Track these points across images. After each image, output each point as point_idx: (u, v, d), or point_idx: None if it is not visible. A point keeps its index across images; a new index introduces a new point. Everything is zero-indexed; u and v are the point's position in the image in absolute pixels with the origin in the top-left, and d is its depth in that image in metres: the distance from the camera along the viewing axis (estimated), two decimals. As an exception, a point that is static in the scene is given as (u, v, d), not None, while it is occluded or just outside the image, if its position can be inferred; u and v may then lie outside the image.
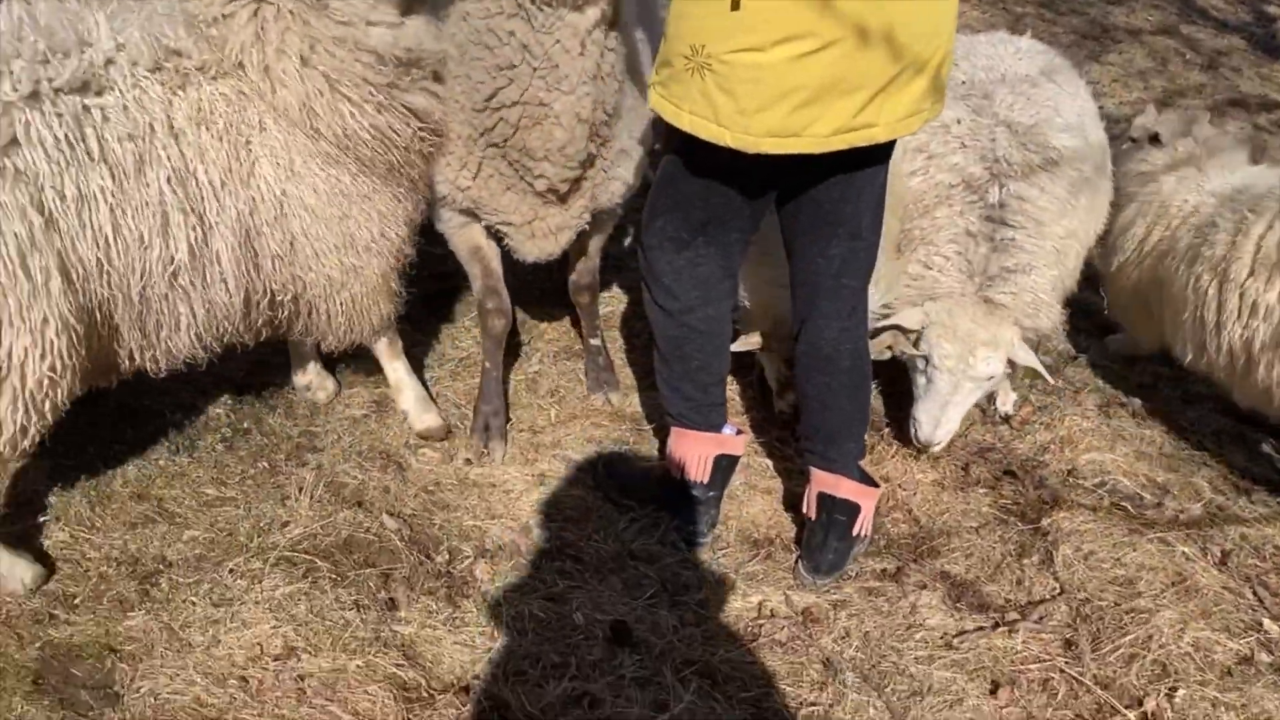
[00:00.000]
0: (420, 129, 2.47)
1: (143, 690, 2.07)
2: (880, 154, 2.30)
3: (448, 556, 2.59)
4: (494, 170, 2.61)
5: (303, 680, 2.14)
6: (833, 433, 2.58)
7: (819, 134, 2.08)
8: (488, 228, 2.86)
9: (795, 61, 2.00)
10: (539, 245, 2.83)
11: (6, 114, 1.92)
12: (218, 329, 2.37)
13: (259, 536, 2.52)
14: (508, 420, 3.11)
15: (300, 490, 2.69)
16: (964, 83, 3.20)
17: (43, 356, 1.98)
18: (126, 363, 2.27)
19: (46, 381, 2.01)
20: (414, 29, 2.36)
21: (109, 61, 2.09)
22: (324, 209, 2.38)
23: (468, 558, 2.59)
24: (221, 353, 2.46)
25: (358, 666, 2.19)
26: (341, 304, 2.56)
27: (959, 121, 3.07)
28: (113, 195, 2.04)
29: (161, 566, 2.39)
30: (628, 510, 2.81)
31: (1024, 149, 3.01)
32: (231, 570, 2.39)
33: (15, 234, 1.90)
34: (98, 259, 2.05)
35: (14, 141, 1.93)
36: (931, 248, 2.97)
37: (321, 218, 2.38)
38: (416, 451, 2.96)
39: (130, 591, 2.30)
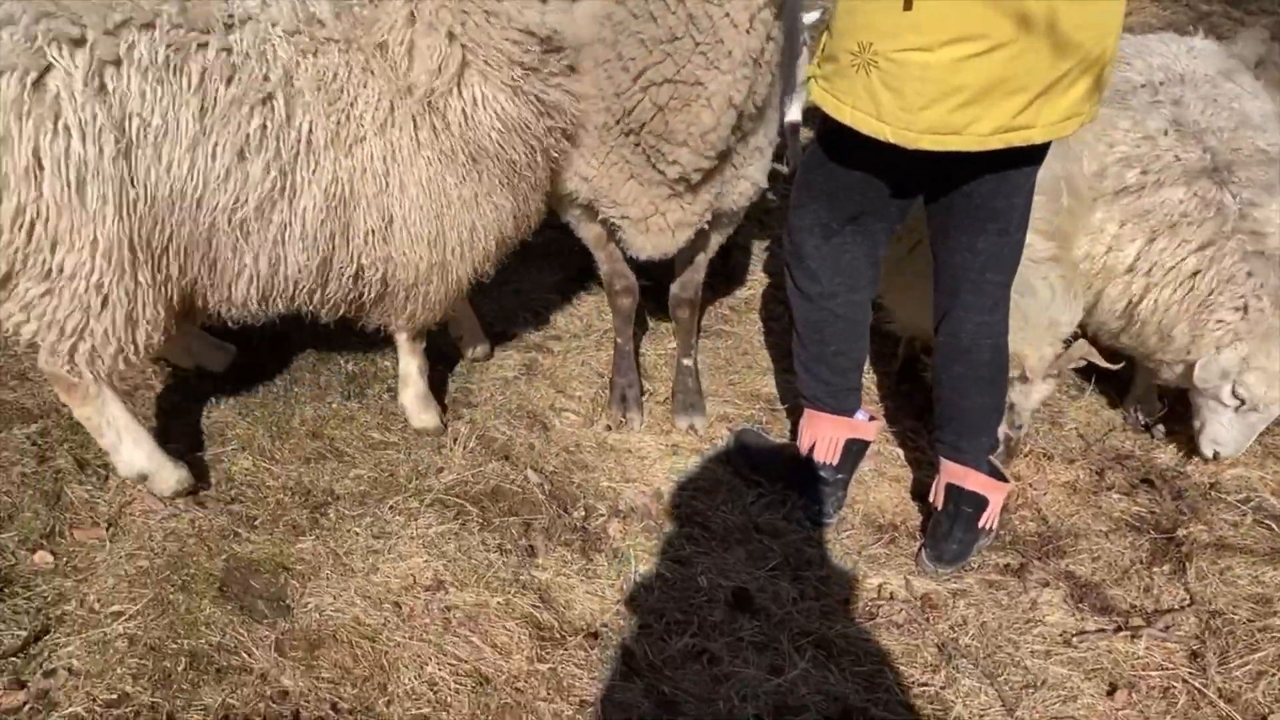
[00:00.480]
0: (550, 127, 2.49)
1: (309, 606, 2.31)
2: (1037, 153, 2.32)
3: (584, 513, 2.76)
4: (621, 158, 2.61)
5: (449, 611, 2.34)
6: (966, 425, 2.62)
7: (979, 133, 2.13)
8: (603, 222, 2.86)
9: (963, 62, 2.06)
10: (654, 241, 2.79)
11: (114, 34, 2.01)
12: (285, 288, 2.38)
13: (416, 479, 2.74)
14: (643, 392, 3.26)
15: (455, 441, 2.90)
16: (1144, 85, 3.13)
17: (91, 274, 2.06)
18: (200, 303, 2.33)
19: (98, 299, 2.10)
20: (557, 8, 2.38)
21: (249, 17, 2.21)
22: (425, 200, 2.41)
23: (602, 515, 2.75)
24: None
25: (498, 604, 2.37)
26: (420, 296, 2.60)
27: (1165, 133, 3.00)
28: (196, 133, 2.10)
29: (330, 499, 2.64)
30: (756, 485, 2.92)
31: (1240, 156, 2.92)
32: (391, 507, 2.62)
33: (81, 155, 1.98)
34: (169, 191, 2.11)
35: (115, 61, 2.01)
36: (1212, 283, 2.84)
37: (420, 208, 2.41)
38: (560, 414, 3.14)
39: (302, 519, 2.55)
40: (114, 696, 2.02)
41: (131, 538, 2.39)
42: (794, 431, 3.16)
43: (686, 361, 3.20)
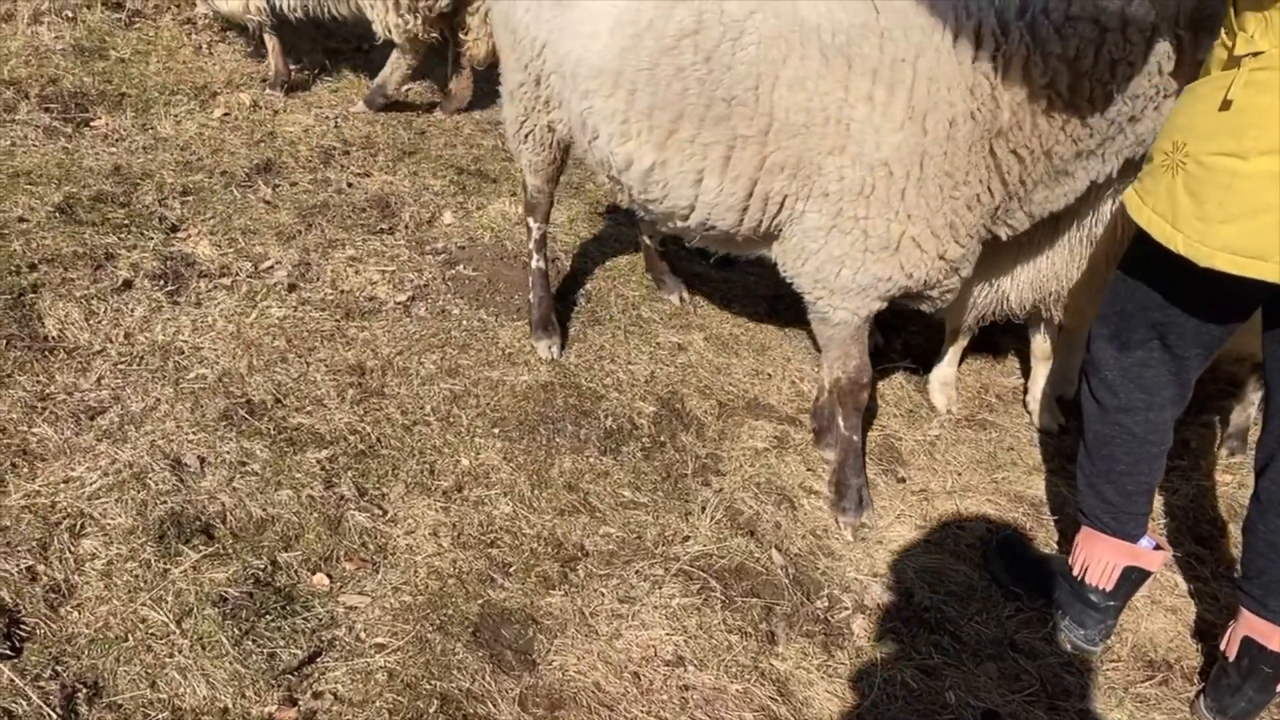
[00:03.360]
0: None
1: (554, 664, 2.36)
2: None
3: (827, 603, 2.68)
4: (983, 228, 2.63)
5: (686, 691, 2.32)
6: (1278, 582, 2.34)
7: None
8: (927, 295, 2.82)
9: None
10: (958, 288, 2.83)
11: None
12: None
13: (663, 545, 2.75)
14: (900, 480, 3.14)
15: (702, 509, 2.90)
16: None
17: None
18: None
19: None
20: None
21: None
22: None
23: (846, 609, 2.66)
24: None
25: (737, 690, 2.34)
26: None
27: None
28: None
29: (580, 554, 2.69)
30: (1014, 598, 2.74)
31: None
32: (637, 572, 2.64)
33: None
34: None
35: None
36: None
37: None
38: (810, 494, 3.07)
39: (553, 571, 2.62)
40: (371, 726, 2.14)
41: (398, 571, 2.53)
42: (1062, 542, 2.95)
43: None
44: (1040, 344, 3.52)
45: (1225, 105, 1.92)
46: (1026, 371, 3.79)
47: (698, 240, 2.97)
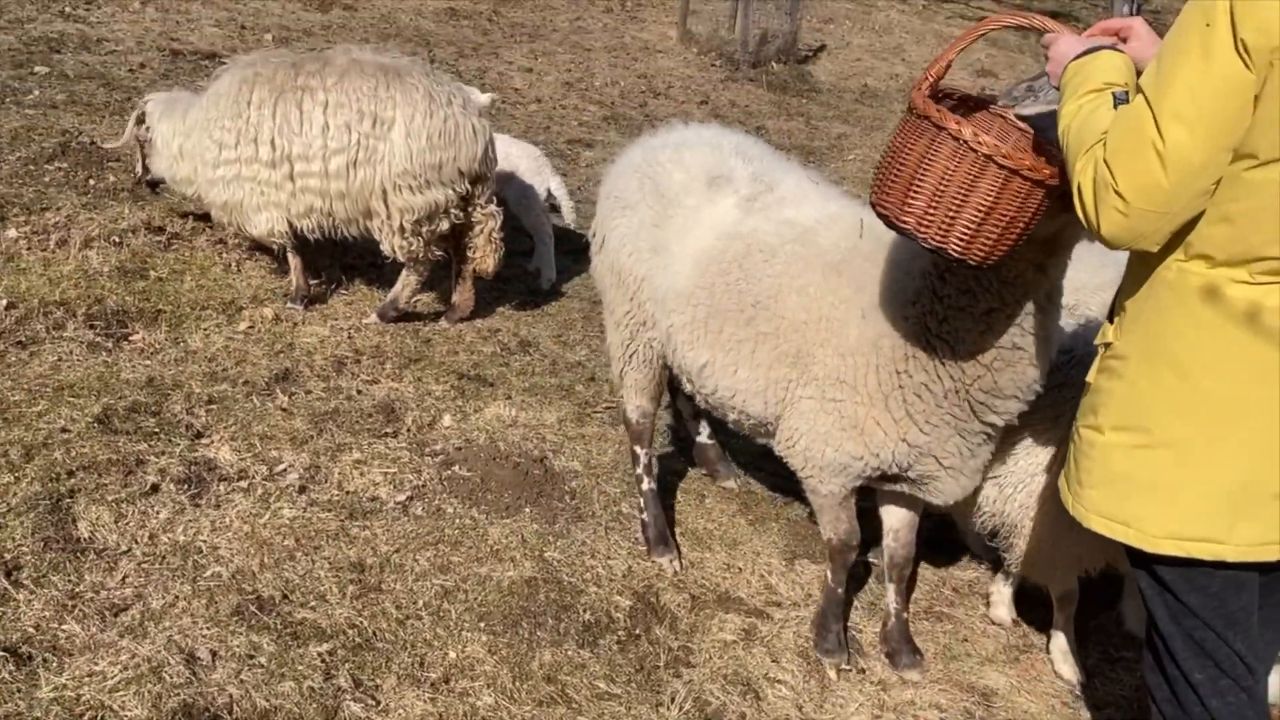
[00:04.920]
0: None
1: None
2: None
3: (787, 790, 2.89)
4: (951, 417, 2.88)
5: None
6: None
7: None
8: (896, 479, 3.12)
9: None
10: (963, 483, 3.08)
11: None
12: None
13: (633, 735, 2.99)
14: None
15: (672, 700, 3.14)
16: None
17: None
18: None
19: None
20: None
21: None
22: None
23: (804, 796, 2.86)
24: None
25: None
26: None
27: None
28: None
29: (556, 743, 2.93)
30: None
31: None
32: (608, 760, 2.87)
33: None
34: None
35: None
36: None
37: None
38: (774, 684, 3.31)
39: (530, 759, 2.85)
40: None
41: (388, 758, 2.77)
42: (1004, 733, 3.17)
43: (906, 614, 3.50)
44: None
45: (1086, 390, 2.26)
46: (983, 564, 4.07)
47: (747, 430, 3.51)
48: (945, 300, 2.71)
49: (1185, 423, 2.07)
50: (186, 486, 3.74)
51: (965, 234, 2.22)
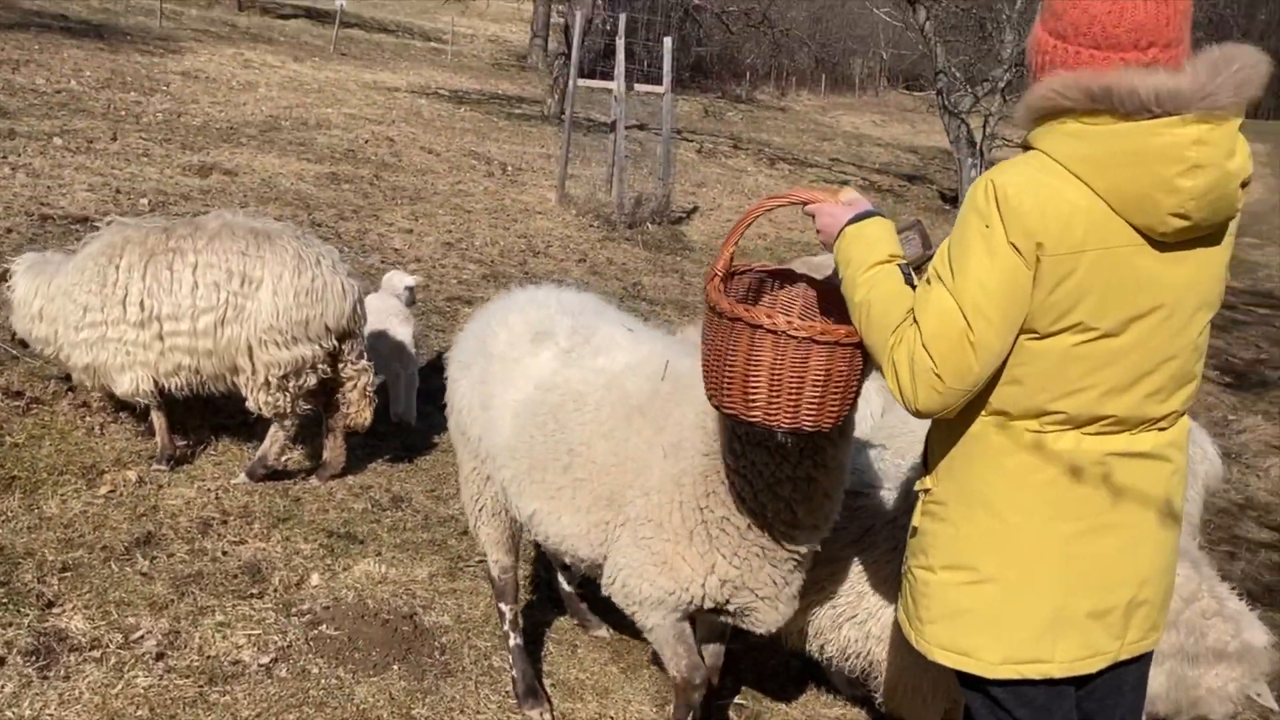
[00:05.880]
0: None
1: None
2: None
3: None
4: (759, 549, 2.97)
5: None
6: None
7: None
8: (718, 611, 3.16)
9: None
10: (783, 610, 3.14)
11: None
12: None
13: None
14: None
15: None
16: None
17: None
18: None
19: None
20: None
21: None
22: None
23: None
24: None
25: None
26: None
27: None
28: None
29: None
30: None
31: None
32: None
33: None
34: None
35: None
36: None
37: None
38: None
39: None
40: None
41: None
42: None
43: None
44: None
45: (913, 532, 2.47)
46: (850, 703, 4.17)
47: (586, 573, 3.56)
48: (742, 438, 2.83)
49: (1003, 559, 2.30)
50: (34, 659, 3.59)
51: (813, 410, 2.41)
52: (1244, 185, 2.14)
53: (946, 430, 2.38)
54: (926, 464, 2.49)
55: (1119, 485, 2.25)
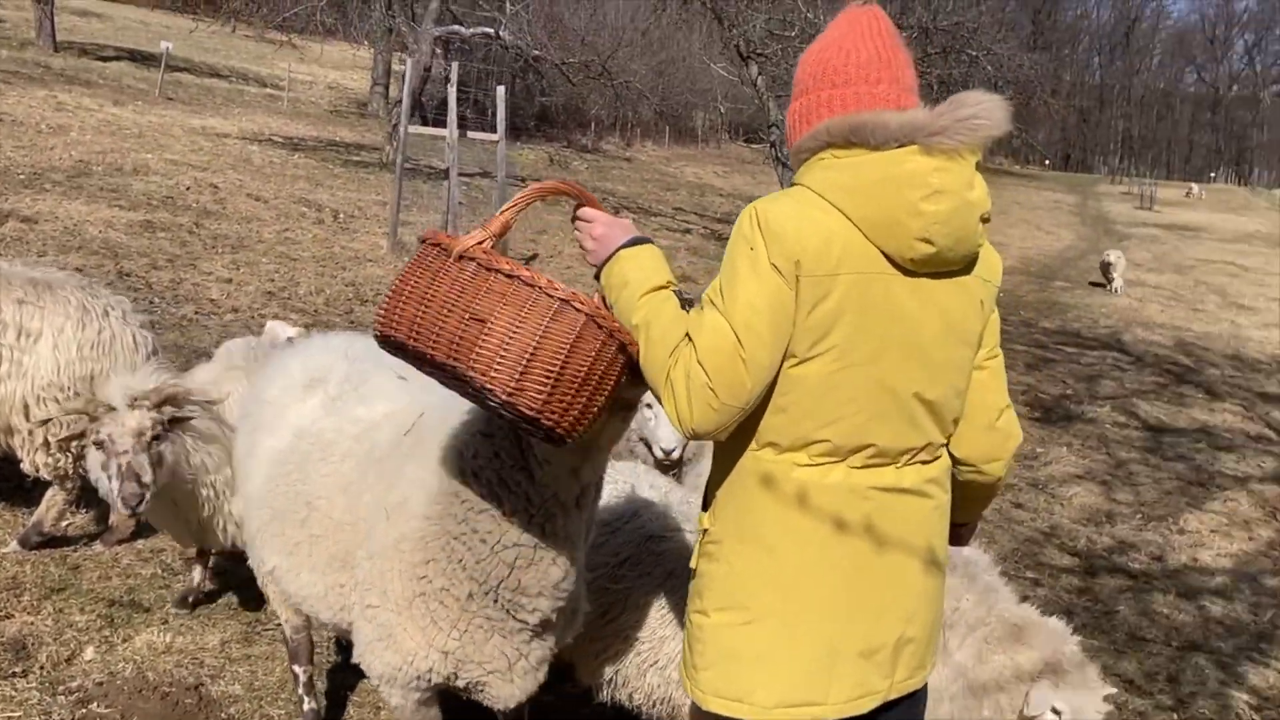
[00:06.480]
0: None
1: None
2: None
3: None
4: (484, 619, 2.71)
5: None
6: None
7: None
8: (460, 687, 2.86)
9: None
10: (521, 685, 2.85)
11: None
12: None
13: None
14: None
15: None
16: None
17: None
18: None
19: None
20: None
21: None
22: None
23: None
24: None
25: None
26: None
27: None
28: None
29: None
30: None
31: None
32: None
33: None
34: None
35: None
36: None
37: None
38: None
39: None
40: None
41: None
42: None
43: None
44: None
45: (692, 575, 2.40)
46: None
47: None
48: (467, 503, 2.61)
49: (776, 595, 2.26)
50: None
51: (559, 396, 2.09)
52: (985, 221, 2.22)
53: (722, 466, 2.35)
54: (706, 504, 2.44)
55: (886, 520, 2.26)
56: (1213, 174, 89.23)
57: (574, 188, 2.40)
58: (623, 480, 3.89)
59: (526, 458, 2.55)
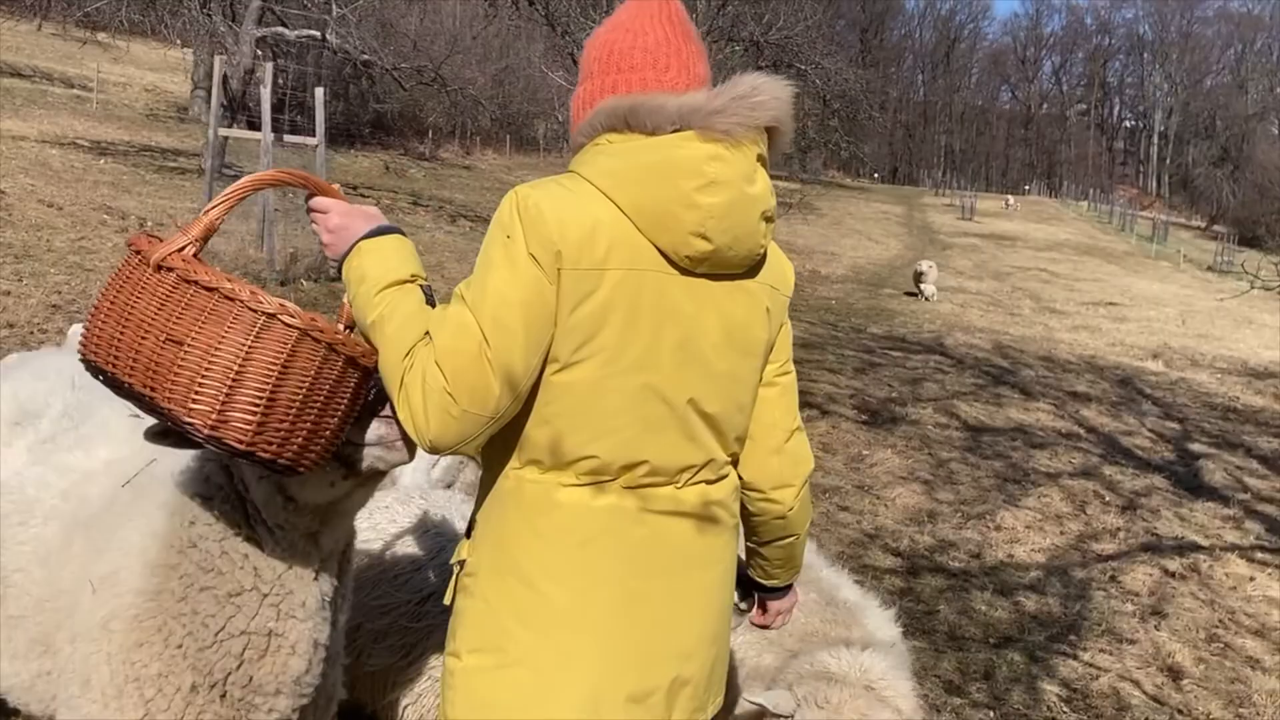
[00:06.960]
0: None
1: None
2: None
3: None
4: (210, 716, 2.29)
5: None
6: None
7: None
8: None
9: None
10: None
11: None
12: None
13: None
14: None
15: None
16: None
17: None
18: None
19: None
20: None
21: None
22: None
23: None
24: None
25: None
26: None
27: None
28: None
29: None
30: None
31: None
32: None
33: None
34: None
35: None
36: None
37: None
38: None
39: None
40: None
41: None
42: None
43: None
44: None
45: (448, 610, 2.10)
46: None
47: None
48: (186, 577, 2.22)
49: (536, 635, 1.97)
50: None
51: (248, 417, 1.78)
52: (769, 220, 2.04)
53: (483, 487, 2.09)
54: (469, 532, 2.16)
55: (663, 548, 2.02)
56: (1027, 187, 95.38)
57: (298, 176, 2.06)
58: (435, 510, 3.58)
59: (253, 524, 2.16)
